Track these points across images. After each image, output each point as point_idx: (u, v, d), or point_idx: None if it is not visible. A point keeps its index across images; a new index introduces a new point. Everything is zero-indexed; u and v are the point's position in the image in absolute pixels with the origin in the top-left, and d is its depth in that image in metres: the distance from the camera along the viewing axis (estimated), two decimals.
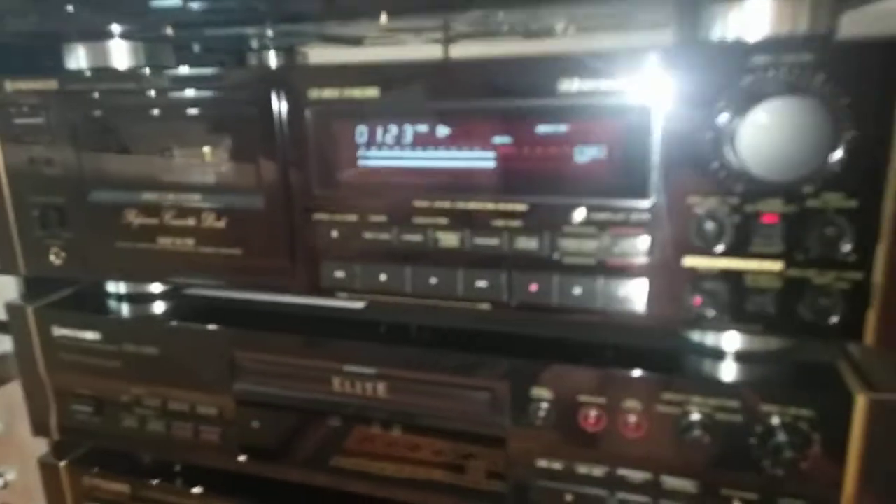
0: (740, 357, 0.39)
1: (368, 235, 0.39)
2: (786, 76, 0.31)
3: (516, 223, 0.37)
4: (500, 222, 0.37)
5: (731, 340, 0.39)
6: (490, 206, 0.37)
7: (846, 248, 0.32)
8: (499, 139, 0.36)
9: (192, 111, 0.41)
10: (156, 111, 0.41)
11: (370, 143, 0.38)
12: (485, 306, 0.39)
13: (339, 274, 0.41)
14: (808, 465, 0.35)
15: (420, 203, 0.38)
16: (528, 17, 0.45)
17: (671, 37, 0.60)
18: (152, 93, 0.41)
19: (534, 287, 0.37)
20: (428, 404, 0.42)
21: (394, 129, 0.37)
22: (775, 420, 0.35)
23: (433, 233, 0.38)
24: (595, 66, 0.33)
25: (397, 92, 0.36)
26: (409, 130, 0.37)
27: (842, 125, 0.31)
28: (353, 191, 0.39)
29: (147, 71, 0.42)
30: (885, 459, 0.34)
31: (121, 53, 0.46)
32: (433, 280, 0.39)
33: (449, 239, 0.38)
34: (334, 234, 0.40)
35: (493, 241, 0.37)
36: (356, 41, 0.62)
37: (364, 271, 0.40)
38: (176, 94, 0.41)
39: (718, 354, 0.40)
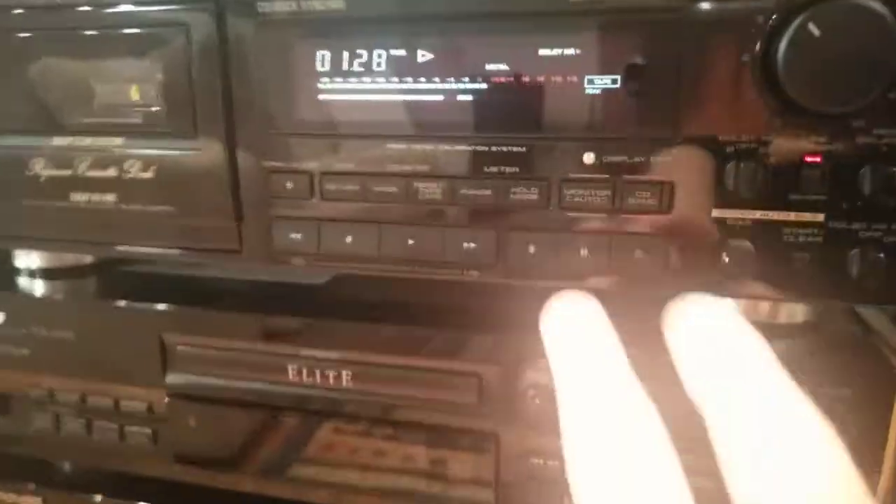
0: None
1: (331, 187, 0.32)
2: None
3: (513, 169, 0.30)
4: (492, 169, 0.30)
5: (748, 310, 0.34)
6: (481, 148, 0.30)
7: None
8: (492, 66, 0.29)
9: (110, 32, 0.33)
10: (64, 33, 0.34)
11: (333, 71, 0.31)
12: (473, 273, 0.32)
13: (295, 236, 0.33)
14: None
15: (395, 145, 0.31)
16: None
17: None
18: (62, 10, 0.33)
19: (532, 248, 0.31)
20: (402, 395, 0.35)
21: (363, 52, 0.30)
22: None
23: (410, 182, 0.31)
24: None
25: (368, 2, 0.30)
26: (381, 55, 0.30)
27: None
28: (313, 132, 0.32)
29: None
30: None
31: None
32: (410, 242, 0.32)
33: (430, 190, 0.31)
34: (289, 185, 0.33)
35: (483, 192, 0.31)
36: None
37: (325, 232, 0.33)
38: (87, 11, 0.33)
39: None
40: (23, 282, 0.44)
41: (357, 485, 0.37)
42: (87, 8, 0.33)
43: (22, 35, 0.34)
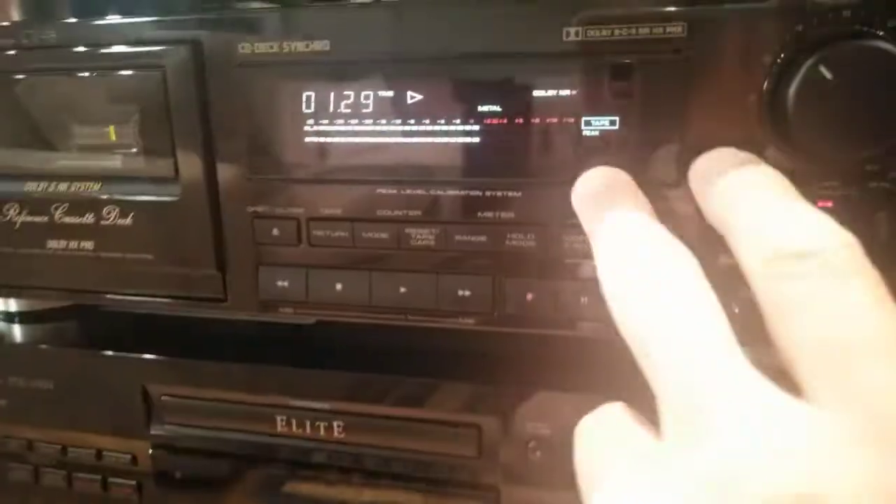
0: None
1: (319, 233, 0.31)
2: (851, 19, 0.24)
3: (508, 215, 0.29)
4: (488, 214, 0.29)
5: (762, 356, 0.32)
6: (475, 193, 0.29)
7: None
8: (486, 107, 0.28)
9: (87, 74, 0.31)
10: (40, 77, 0.32)
11: (319, 113, 0.29)
12: (468, 321, 0.30)
13: (282, 283, 0.32)
14: None
15: (386, 190, 0.30)
16: None
17: None
18: (36, 52, 0.32)
19: (530, 296, 0.29)
20: (396, 447, 0.34)
21: (349, 94, 0.29)
22: None
23: (402, 228, 0.30)
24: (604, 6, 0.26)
25: (355, 44, 0.28)
26: (369, 97, 0.29)
27: None
28: (299, 175, 0.31)
29: (27, 23, 0.32)
30: None
31: None
32: (402, 289, 0.31)
33: (423, 236, 0.30)
34: (275, 231, 0.31)
35: (479, 238, 0.29)
36: None
37: (314, 279, 0.31)
38: (66, 53, 0.31)
39: None
40: (0, 326, 0.43)
41: None
42: (69, 50, 0.32)
43: None
